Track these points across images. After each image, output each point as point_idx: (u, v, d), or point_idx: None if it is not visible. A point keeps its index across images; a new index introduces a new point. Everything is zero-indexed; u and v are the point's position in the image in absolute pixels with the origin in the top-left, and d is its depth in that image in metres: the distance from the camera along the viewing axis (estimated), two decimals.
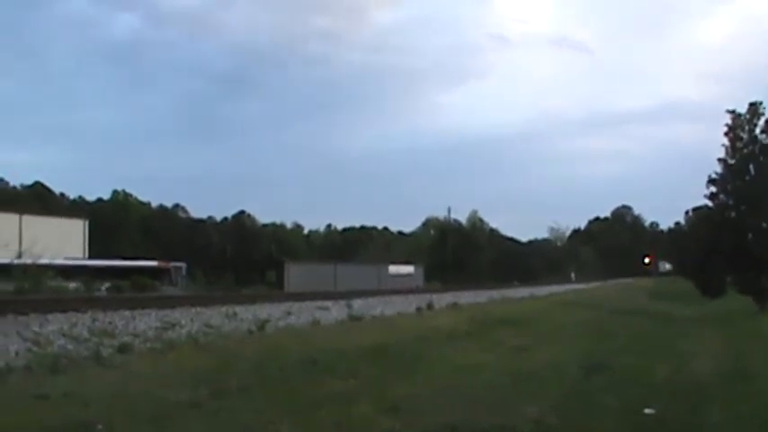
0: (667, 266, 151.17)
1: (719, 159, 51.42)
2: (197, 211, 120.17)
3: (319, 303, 25.40)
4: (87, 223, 73.34)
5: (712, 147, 61.46)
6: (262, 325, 18.69)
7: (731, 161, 50.76)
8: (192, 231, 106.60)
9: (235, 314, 19.89)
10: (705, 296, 63.40)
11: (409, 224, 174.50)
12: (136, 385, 10.67)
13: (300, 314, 22.20)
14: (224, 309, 20.49)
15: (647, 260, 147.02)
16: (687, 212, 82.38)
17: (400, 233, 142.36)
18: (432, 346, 19.01)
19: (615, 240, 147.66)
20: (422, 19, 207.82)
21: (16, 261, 29.92)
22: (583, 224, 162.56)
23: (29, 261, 29.13)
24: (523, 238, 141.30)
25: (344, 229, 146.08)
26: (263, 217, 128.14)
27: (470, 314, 29.92)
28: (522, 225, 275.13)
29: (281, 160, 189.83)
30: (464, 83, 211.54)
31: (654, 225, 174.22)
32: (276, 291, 46.89)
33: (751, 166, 49.87)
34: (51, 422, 8.19)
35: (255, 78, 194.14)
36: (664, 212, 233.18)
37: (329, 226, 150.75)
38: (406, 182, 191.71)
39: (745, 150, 50.14)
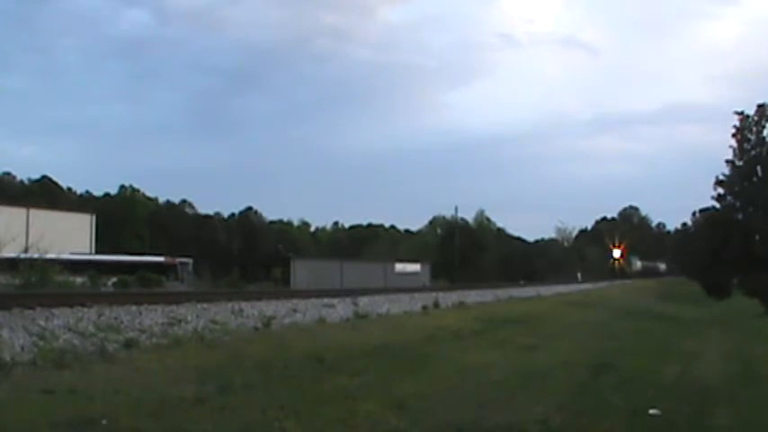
0: (639, 264, 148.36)
1: (727, 161, 51.39)
2: (204, 206, 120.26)
3: (325, 301, 25.37)
4: (94, 218, 73.51)
5: (720, 148, 61.35)
6: (267, 322, 18.72)
7: (738, 163, 50.69)
8: (199, 227, 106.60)
9: (240, 311, 19.90)
10: (711, 297, 63.35)
11: (416, 222, 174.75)
12: (141, 381, 10.68)
13: (306, 311, 22.20)
14: (230, 305, 20.48)
15: (616, 253, 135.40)
16: (694, 213, 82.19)
17: (407, 231, 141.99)
18: (438, 344, 19.01)
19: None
20: (430, 17, 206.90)
21: (23, 255, 29.90)
22: (590, 224, 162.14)
23: (36, 255, 29.10)
24: (530, 238, 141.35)
25: (351, 227, 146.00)
26: (269, 214, 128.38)
27: (477, 313, 29.92)
28: (528, 225, 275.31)
29: (289, 157, 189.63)
30: (471, 82, 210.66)
31: (661, 226, 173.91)
32: (282, 288, 46.90)
33: (758, 168, 49.78)
34: (57, 417, 8.18)
35: (263, 75, 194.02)
36: (671, 213, 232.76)
37: (336, 223, 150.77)
38: (413, 180, 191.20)
39: (753, 152, 50.08)
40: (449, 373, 14.02)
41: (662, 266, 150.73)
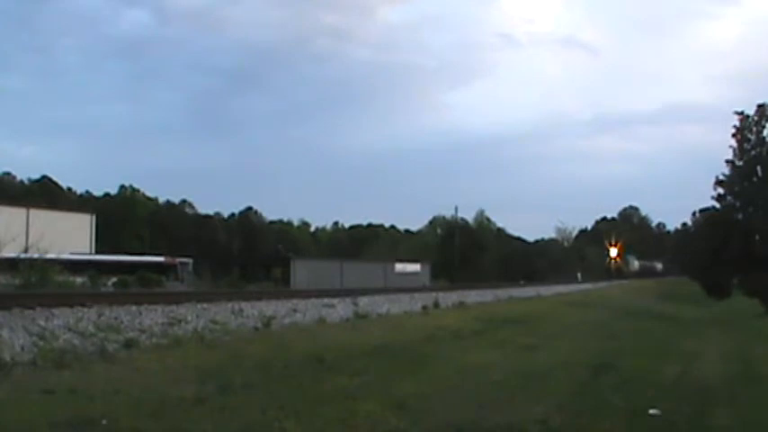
0: (636, 264, 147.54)
1: (727, 161, 51.36)
2: (204, 206, 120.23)
3: (325, 301, 25.37)
4: (94, 218, 73.51)
5: (720, 148, 61.30)
6: (267, 322, 18.72)
7: (739, 163, 50.66)
8: (199, 227, 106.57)
9: (240, 311, 19.90)
10: (711, 297, 63.33)
11: (416, 222, 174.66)
12: (141, 381, 10.68)
13: (306, 311, 22.20)
14: (230, 305, 20.48)
15: (612, 252, 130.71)
16: (694, 213, 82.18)
17: (407, 231, 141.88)
18: (438, 344, 19.01)
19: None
20: (430, 17, 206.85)
21: (23, 255, 29.89)
22: (590, 224, 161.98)
23: (36, 255, 29.09)
24: (530, 238, 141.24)
25: (351, 227, 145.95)
26: (269, 214, 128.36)
27: (477, 313, 29.93)
28: (528, 225, 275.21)
29: (289, 157, 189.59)
30: (471, 82, 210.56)
31: (661, 226, 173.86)
32: (282, 288, 46.89)
33: (758, 168, 49.76)
34: (57, 417, 8.18)
35: (263, 75, 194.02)
36: (671, 213, 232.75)
37: (336, 223, 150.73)
38: (413, 180, 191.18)
39: (753, 152, 50.05)
40: (449, 373, 14.02)
41: (658, 266, 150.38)
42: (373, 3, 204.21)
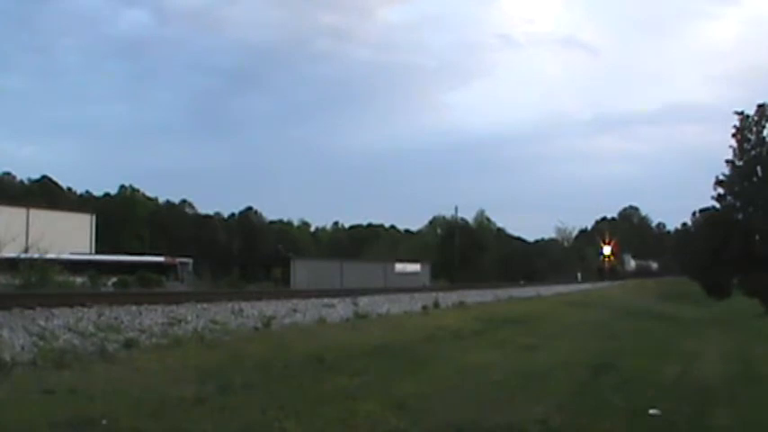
0: (632, 264, 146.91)
1: (727, 161, 51.36)
2: (204, 206, 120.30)
3: (325, 301, 25.35)
4: (94, 218, 73.52)
5: (720, 148, 61.30)
6: (267, 322, 18.70)
7: (739, 163, 50.66)
8: (199, 227, 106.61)
9: (240, 311, 19.88)
10: (711, 297, 63.35)
11: (416, 222, 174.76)
12: (141, 381, 10.68)
13: (306, 312, 22.18)
14: (230, 305, 20.46)
15: (606, 250, 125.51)
16: (694, 213, 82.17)
17: (407, 231, 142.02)
18: (438, 344, 19.01)
19: (622, 241, 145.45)
20: (430, 17, 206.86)
21: (23, 255, 29.89)
22: (590, 224, 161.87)
23: (36, 255, 29.10)
24: (530, 238, 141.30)
25: (351, 227, 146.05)
26: (269, 214, 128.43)
27: (477, 313, 29.91)
28: (528, 225, 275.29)
29: (289, 157, 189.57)
30: (471, 82, 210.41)
31: (661, 226, 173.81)
32: (282, 288, 46.89)
33: (758, 168, 49.75)
34: (57, 417, 8.18)
35: (263, 75, 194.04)
36: (671, 213, 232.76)
37: (336, 223, 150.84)
38: (413, 180, 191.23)
39: (753, 152, 50.04)
40: (449, 373, 14.02)
41: (654, 265, 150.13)
42: (373, 3, 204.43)
